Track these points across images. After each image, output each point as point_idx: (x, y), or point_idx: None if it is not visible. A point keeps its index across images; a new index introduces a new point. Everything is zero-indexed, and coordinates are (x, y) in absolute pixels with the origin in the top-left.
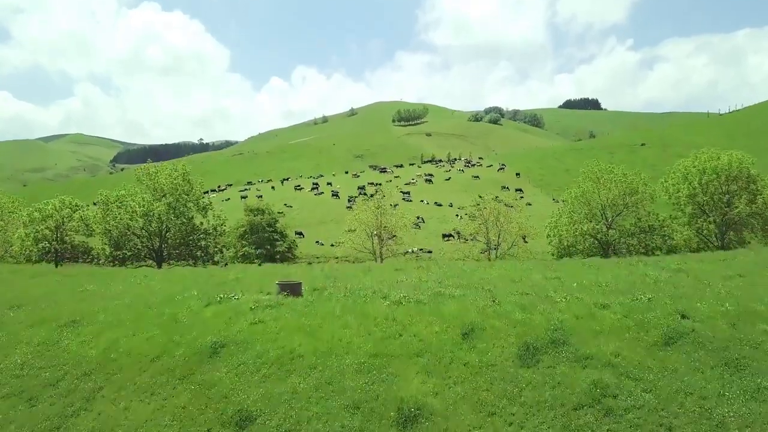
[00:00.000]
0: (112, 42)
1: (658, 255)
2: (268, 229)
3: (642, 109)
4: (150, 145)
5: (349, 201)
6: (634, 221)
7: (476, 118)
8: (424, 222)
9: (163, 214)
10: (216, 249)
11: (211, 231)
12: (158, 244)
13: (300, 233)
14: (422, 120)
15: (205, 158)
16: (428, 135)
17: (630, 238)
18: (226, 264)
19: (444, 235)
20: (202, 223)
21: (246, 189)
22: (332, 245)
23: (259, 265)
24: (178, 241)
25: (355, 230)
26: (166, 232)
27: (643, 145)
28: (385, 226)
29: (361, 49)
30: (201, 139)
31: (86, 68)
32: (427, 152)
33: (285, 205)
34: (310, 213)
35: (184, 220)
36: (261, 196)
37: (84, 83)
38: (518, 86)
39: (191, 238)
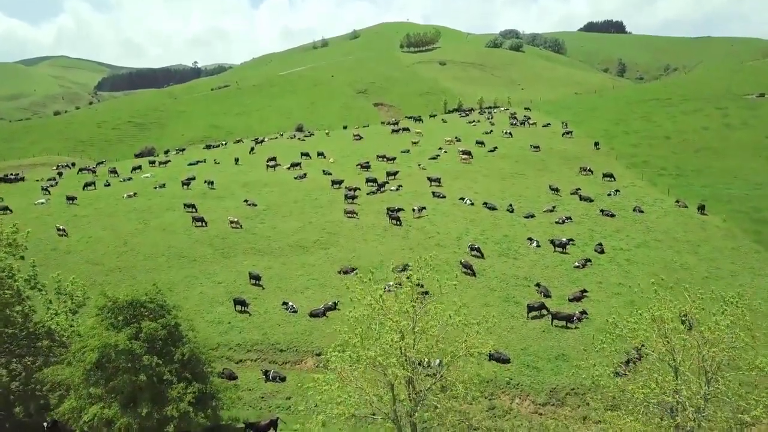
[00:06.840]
0: None
1: None
2: (146, 359)
3: (659, 31)
4: (138, 69)
5: (347, 197)
6: None
7: (495, 44)
8: (481, 255)
9: None
10: (43, 392)
11: (41, 332)
12: None
13: (242, 303)
14: (434, 46)
15: (183, 91)
16: (442, 64)
17: None
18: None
19: (529, 308)
20: (24, 314)
21: (198, 163)
22: (311, 315)
23: None
24: None
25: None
26: None
27: (761, 95)
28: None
29: None
30: (195, 63)
31: None
32: (443, 86)
33: (245, 202)
34: (282, 223)
35: None
36: (212, 184)
37: None
38: (530, 4)
39: None
